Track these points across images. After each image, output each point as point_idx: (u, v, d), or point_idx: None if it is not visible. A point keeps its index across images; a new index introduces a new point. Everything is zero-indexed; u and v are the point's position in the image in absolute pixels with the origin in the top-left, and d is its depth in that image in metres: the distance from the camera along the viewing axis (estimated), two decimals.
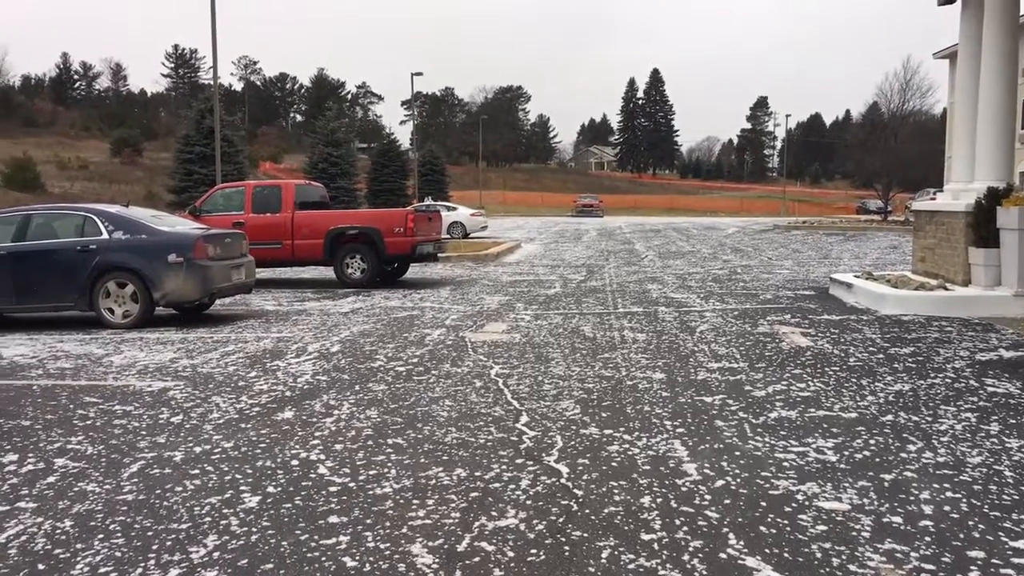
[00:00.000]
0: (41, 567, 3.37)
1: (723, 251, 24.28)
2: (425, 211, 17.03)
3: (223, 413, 5.82)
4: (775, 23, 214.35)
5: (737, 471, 4.45)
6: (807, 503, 4.00)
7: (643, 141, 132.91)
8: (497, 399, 6.12)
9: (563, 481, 4.32)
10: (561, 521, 3.78)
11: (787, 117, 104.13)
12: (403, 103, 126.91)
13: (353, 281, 14.81)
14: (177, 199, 34.62)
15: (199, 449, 4.96)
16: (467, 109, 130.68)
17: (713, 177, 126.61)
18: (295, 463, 4.67)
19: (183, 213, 15.30)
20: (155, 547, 3.55)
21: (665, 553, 3.43)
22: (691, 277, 15.93)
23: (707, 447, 4.88)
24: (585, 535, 3.63)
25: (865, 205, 65.29)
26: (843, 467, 4.52)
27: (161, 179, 45.19)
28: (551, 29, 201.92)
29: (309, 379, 6.92)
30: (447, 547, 3.52)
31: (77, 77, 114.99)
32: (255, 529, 3.74)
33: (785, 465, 4.55)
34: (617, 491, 4.16)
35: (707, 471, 4.44)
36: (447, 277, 16.63)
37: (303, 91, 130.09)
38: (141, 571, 3.32)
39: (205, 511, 3.96)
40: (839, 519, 3.80)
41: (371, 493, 4.18)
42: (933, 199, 14.07)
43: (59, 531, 3.74)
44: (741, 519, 3.79)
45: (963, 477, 4.36)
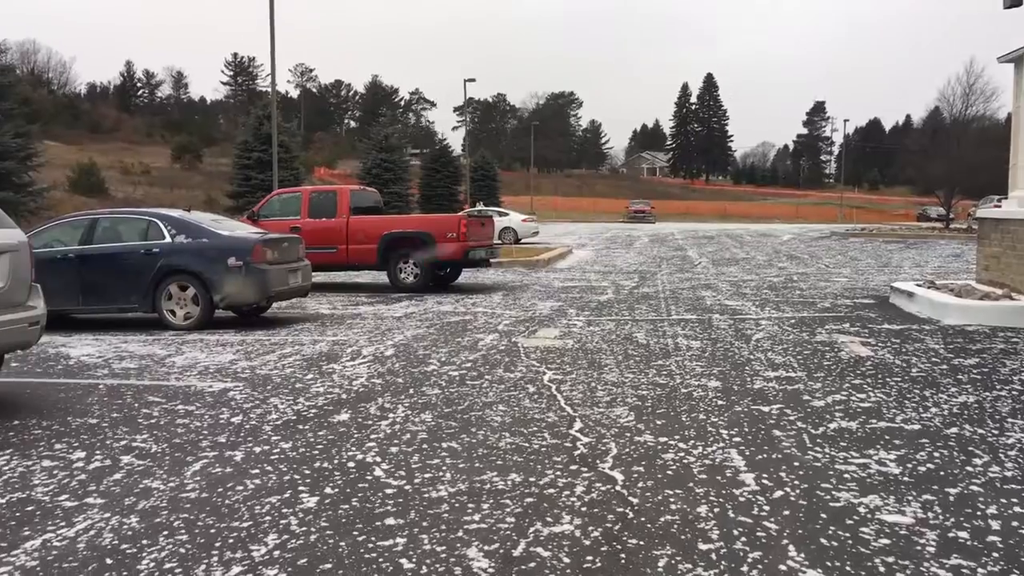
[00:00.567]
0: (109, 561, 3.47)
1: (778, 258, 23.93)
2: (478, 216, 17.11)
3: (281, 414, 5.92)
4: (833, 27, 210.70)
5: (796, 482, 4.37)
6: (869, 516, 3.91)
7: (696, 147, 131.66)
8: (550, 405, 6.12)
9: (618, 488, 4.30)
10: (617, 528, 3.77)
11: (845, 122, 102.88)
12: (455, 109, 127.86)
13: (406, 286, 14.94)
14: (235, 204, 35.31)
15: (259, 449, 5.06)
16: (519, 115, 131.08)
17: (768, 183, 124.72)
18: (351, 465, 4.73)
19: (242, 218, 15.62)
20: (218, 544, 3.63)
21: (723, 564, 3.39)
22: (746, 284, 15.72)
23: (765, 457, 4.81)
24: (641, 543, 3.60)
25: (926, 212, 63.72)
26: (906, 480, 4.42)
27: (220, 184, 46.15)
28: (604, 35, 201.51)
29: (364, 382, 7.00)
30: (503, 552, 3.53)
31: (140, 85, 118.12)
32: (314, 529, 3.79)
33: (846, 477, 4.46)
34: (673, 499, 4.12)
35: (765, 481, 4.38)
36: (499, 282, 16.68)
37: (357, 98, 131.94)
38: (205, 568, 3.40)
39: (265, 510, 4.03)
40: (903, 533, 3.71)
41: (426, 496, 4.21)
42: (998, 206, 13.66)
43: (126, 527, 3.84)
44: (801, 531, 3.73)
45: None
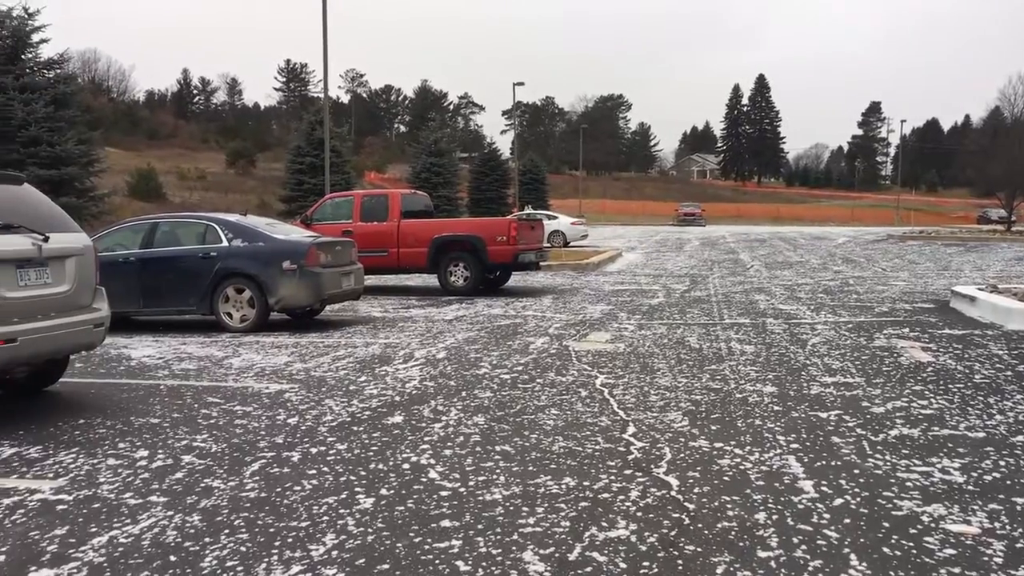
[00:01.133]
0: (172, 558, 3.55)
1: (833, 261, 23.50)
2: (527, 220, 17.13)
3: (336, 416, 5.99)
4: (888, 24, 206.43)
5: (857, 490, 4.28)
6: (933, 525, 3.82)
7: (747, 148, 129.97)
8: (603, 409, 6.09)
9: (673, 494, 4.26)
10: (673, 535, 3.73)
11: (902, 123, 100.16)
12: (504, 113, 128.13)
13: (456, 289, 15.02)
14: (287, 208, 35.85)
15: (315, 450, 5.13)
16: (567, 118, 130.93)
17: (821, 185, 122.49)
18: (406, 467, 4.77)
19: (295, 221, 15.85)
20: (277, 543, 3.68)
21: (783, 572, 3.34)
22: (800, 288, 15.47)
23: (824, 464, 4.72)
24: (699, 550, 3.56)
25: (986, 214, 62.09)
26: (971, 489, 4.30)
27: (273, 189, 46.90)
28: (653, 36, 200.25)
29: (417, 385, 7.05)
30: (558, 556, 3.52)
31: (196, 92, 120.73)
32: (371, 530, 3.83)
33: (908, 485, 4.36)
34: (730, 506, 4.07)
35: (825, 489, 4.30)
36: (548, 286, 16.67)
37: (407, 102, 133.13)
38: (265, 566, 3.45)
39: (323, 510, 4.08)
40: (968, 543, 3.62)
41: (481, 499, 4.22)
42: None
43: (188, 525, 3.92)
44: (863, 540, 3.65)
45: None
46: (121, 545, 3.69)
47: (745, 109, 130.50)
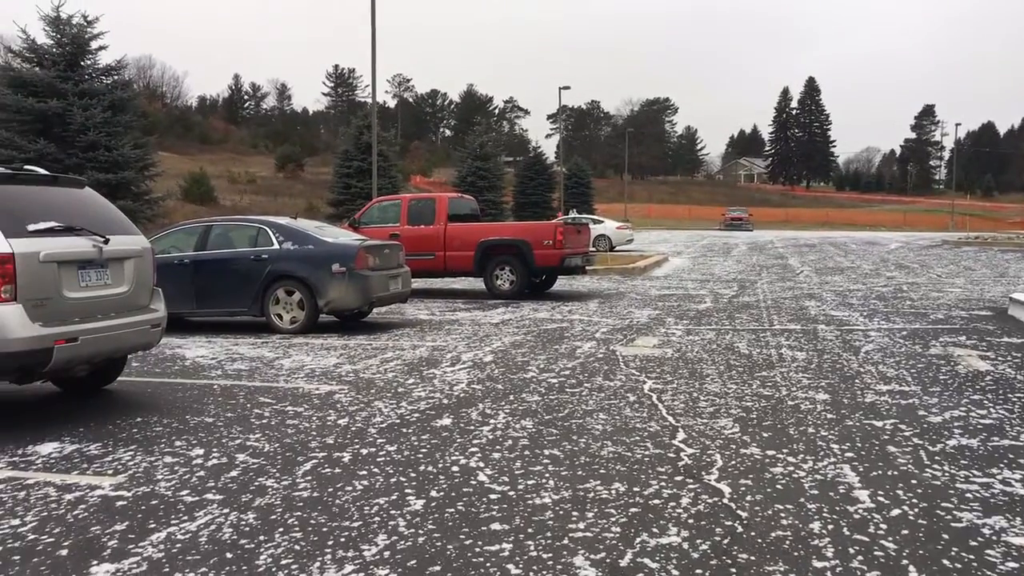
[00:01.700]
0: (229, 556, 3.61)
1: (886, 267, 23.05)
2: (573, 224, 17.09)
3: (385, 417, 6.04)
4: (941, 26, 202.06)
5: (914, 500, 4.19)
6: (994, 538, 3.72)
7: (796, 152, 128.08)
8: (652, 414, 6.05)
9: (725, 501, 4.21)
10: (726, 543, 3.69)
11: (956, 126, 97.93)
12: (548, 117, 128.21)
13: (502, 292, 15.04)
14: (335, 212, 36.27)
15: (365, 451, 5.18)
16: (613, 122, 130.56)
17: (873, 190, 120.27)
18: (455, 469, 4.79)
19: (344, 225, 16.04)
20: (330, 543, 3.73)
21: None
22: (852, 294, 15.20)
23: (880, 474, 4.63)
24: (752, 558, 3.52)
25: None
26: None
27: (321, 192, 47.51)
28: (700, 40, 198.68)
29: (464, 388, 7.08)
30: (609, 561, 3.50)
31: (247, 97, 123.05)
32: (421, 531, 3.85)
33: (968, 496, 4.25)
34: (784, 515, 4.01)
35: (881, 499, 4.22)
36: (594, 290, 16.62)
37: (452, 107, 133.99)
38: (319, 565, 3.50)
39: (374, 511, 4.12)
40: None
41: (530, 503, 4.22)
42: None
43: (243, 523, 3.99)
44: (922, 551, 3.57)
45: None
46: (179, 541, 3.77)
47: (794, 112, 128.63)
